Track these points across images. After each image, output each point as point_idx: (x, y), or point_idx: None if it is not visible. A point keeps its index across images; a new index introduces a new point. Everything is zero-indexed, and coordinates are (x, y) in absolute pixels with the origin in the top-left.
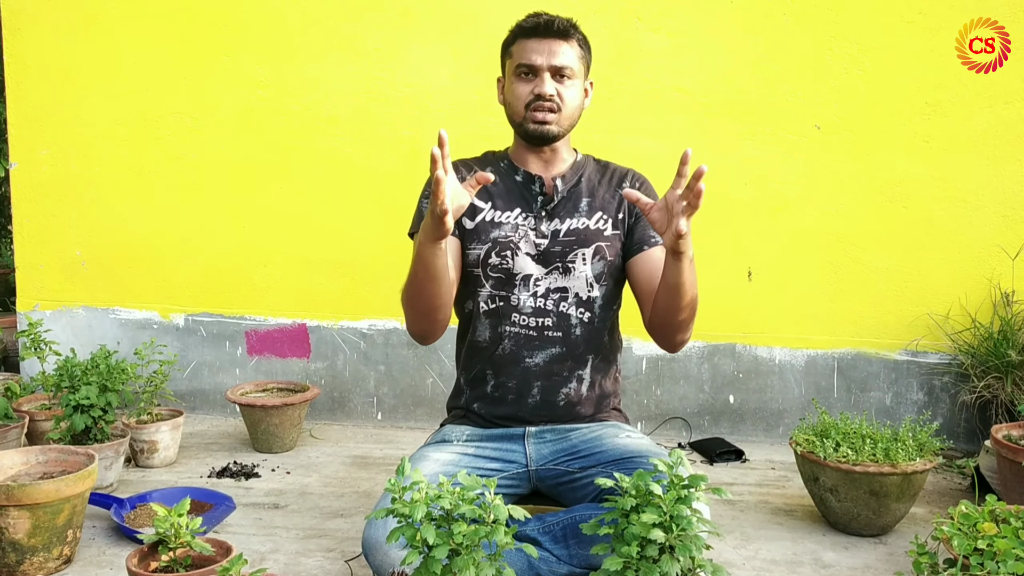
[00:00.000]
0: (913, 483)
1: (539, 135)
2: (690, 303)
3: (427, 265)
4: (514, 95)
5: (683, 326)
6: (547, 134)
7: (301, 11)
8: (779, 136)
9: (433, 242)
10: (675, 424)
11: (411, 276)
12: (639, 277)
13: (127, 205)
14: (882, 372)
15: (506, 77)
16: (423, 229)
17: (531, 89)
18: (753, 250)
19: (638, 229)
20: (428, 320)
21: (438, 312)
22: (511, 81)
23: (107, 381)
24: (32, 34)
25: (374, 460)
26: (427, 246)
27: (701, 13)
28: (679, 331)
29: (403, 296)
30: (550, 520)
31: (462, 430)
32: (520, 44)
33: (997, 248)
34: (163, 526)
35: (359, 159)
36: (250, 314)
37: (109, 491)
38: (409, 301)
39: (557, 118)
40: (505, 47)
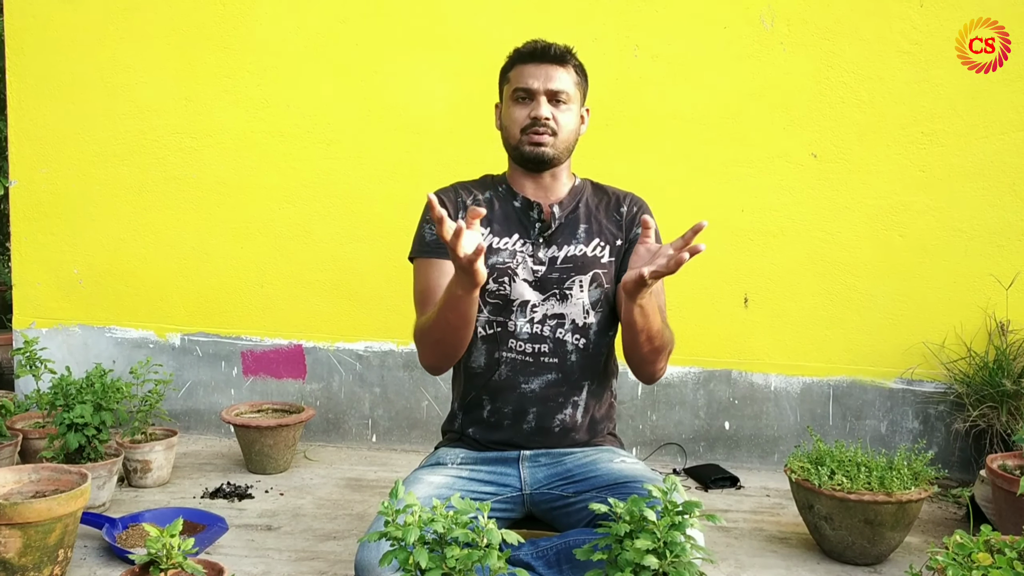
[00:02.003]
0: (908, 512)
1: (534, 158)
2: (648, 342)
3: (463, 314)
4: (511, 119)
5: (647, 360)
6: (542, 157)
7: (301, 34)
8: (775, 163)
9: (469, 292)
10: (670, 450)
11: (440, 320)
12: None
13: (125, 224)
14: (877, 400)
15: (503, 102)
16: (457, 281)
17: (527, 112)
18: (749, 277)
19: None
20: (451, 359)
21: (463, 350)
22: (508, 105)
23: (102, 400)
24: (35, 53)
25: (368, 482)
26: (464, 298)
27: (699, 41)
28: (645, 363)
29: (425, 335)
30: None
31: (456, 453)
32: (517, 69)
33: (992, 277)
34: (155, 547)
35: (357, 181)
36: (246, 334)
37: (102, 511)
38: (435, 343)
39: (553, 142)
40: (503, 73)
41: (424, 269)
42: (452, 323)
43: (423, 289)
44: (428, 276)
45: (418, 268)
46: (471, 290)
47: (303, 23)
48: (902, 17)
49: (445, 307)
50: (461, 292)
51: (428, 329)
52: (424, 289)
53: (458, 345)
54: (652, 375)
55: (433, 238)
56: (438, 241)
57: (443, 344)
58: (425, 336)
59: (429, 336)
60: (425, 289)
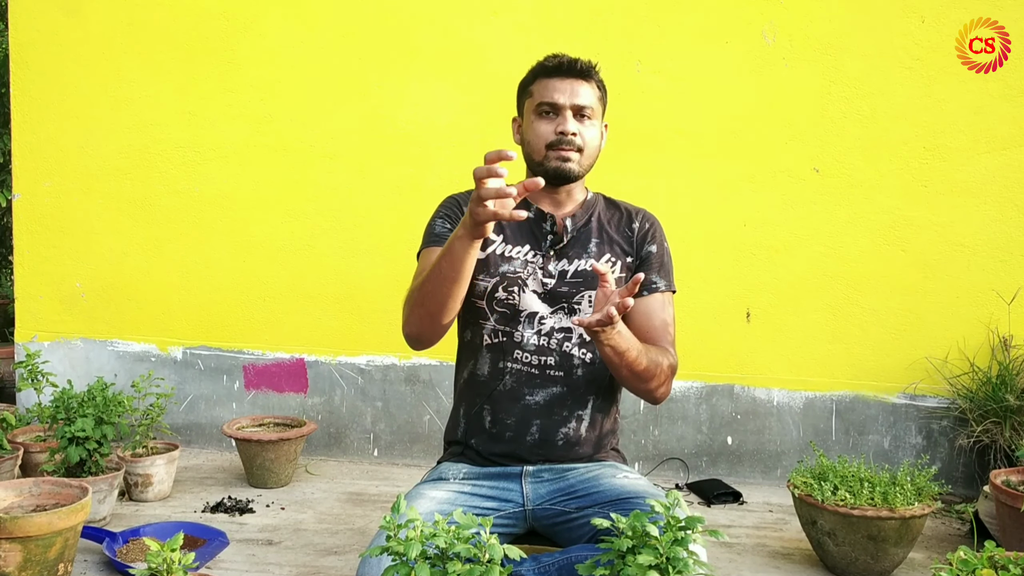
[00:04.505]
0: (911, 528)
1: (561, 174)
2: (632, 375)
3: (455, 261)
4: (535, 134)
5: (636, 389)
6: (569, 173)
7: (304, 48)
8: (778, 178)
9: (471, 239)
10: (673, 465)
11: (432, 272)
12: (629, 321)
13: (128, 238)
14: (880, 415)
15: (524, 116)
16: (463, 224)
17: (554, 128)
18: (751, 291)
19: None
20: (433, 321)
21: (446, 315)
22: (531, 120)
23: (103, 413)
24: (39, 67)
25: (369, 497)
26: (463, 240)
27: (701, 57)
28: (636, 391)
29: (412, 294)
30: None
31: (459, 468)
32: (541, 83)
33: (994, 293)
34: (155, 561)
35: (359, 195)
36: (248, 348)
37: (102, 524)
38: (421, 298)
39: (579, 158)
40: (523, 87)
41: (428, 255)
42: (443, 273)
43: (422, 270)
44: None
45: (423, 256)
46: (473, 238)
47: (306, 38)
48: (904, 33)
49: (442, 257)
50: (463, 234)
51: (415, 288)
52: (424, 270)
53: (442, 305)
54: (650, 398)
55: (443, 230)
56: (448, 233)
57: (429, 300)
58: (412, 296)
59: (416, 293)
60: (425, 269)
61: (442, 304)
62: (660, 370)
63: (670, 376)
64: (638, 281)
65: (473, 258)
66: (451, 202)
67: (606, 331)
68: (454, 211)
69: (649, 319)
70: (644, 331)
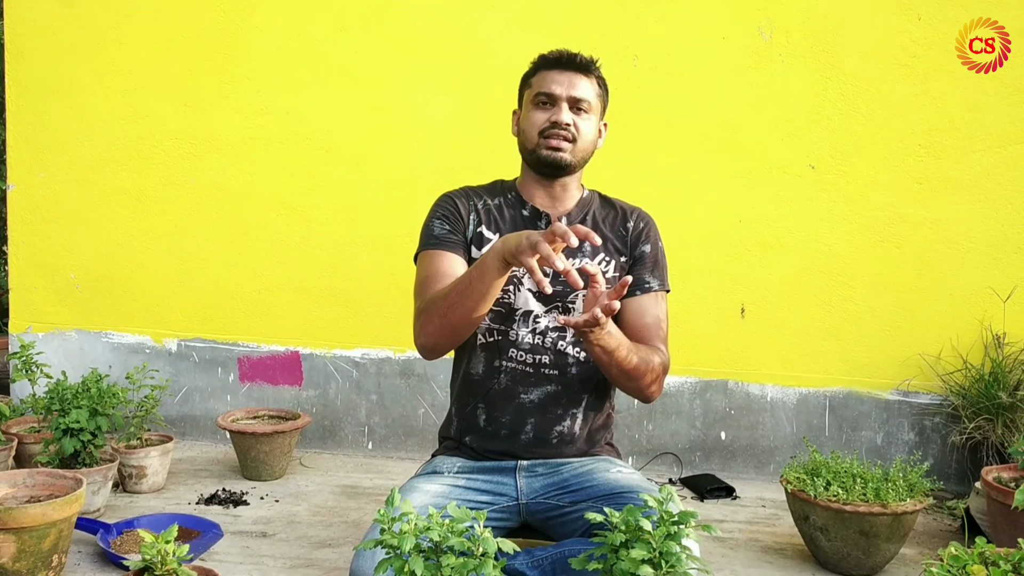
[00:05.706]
0: (903, 524)
1: (551, 162)
2: (621, 374)
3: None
4: (529, 122)
5: (625, 388)
6: (559, 162)
7: (301, 41)
8: (773, 175)
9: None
10: (666, 460)
11: (461, 285)
12: (622, 320)
13: (123, 229)
14: (873, 412)
15: (523, 107)
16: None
17: (548, 117)
18: (746, 287)
19: (634, 272)
20: (454, 334)
21: (468, 329)
22: (528, 110)
23: (98, 405)
24: (34, 57)
25: (364, 490)
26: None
27: (698, 52)
28: (625, 389)
29: (437, 304)
30: (539, 554)
31: (453, 462)
32: (541, 75)
33: (989, 290)
34: (149, 553)
35: (356, 189)
36: (243, 340)
37: (96, 516)
38: (446, 309)
39: (571, 148)
40: (525, 79)
41: (430, 259)
42: (475, 288)
43: (428, 276)
44: (435, 264)
45: (424, 259)
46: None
47: (303, 30)
48: (900, 30)
49: (475, 273)
50: (503, 259)
51: (440, 298)
52: (430, 275)
53: (466, 320)
54: (641, 397)
55: (442, 231)
56: (447, 235)
57: (452, 314)
58: (435, 306)
59: (441, 303)
60: (431, 275)
61: (467, 319)
62: (650, 368)
63: (661, 374)
64: (626, 284)
65: (500, 282)
66: (446, 200)
67: (594, 332)
68: (450, 210)
69: (642, 318)
70: (636, 330)
